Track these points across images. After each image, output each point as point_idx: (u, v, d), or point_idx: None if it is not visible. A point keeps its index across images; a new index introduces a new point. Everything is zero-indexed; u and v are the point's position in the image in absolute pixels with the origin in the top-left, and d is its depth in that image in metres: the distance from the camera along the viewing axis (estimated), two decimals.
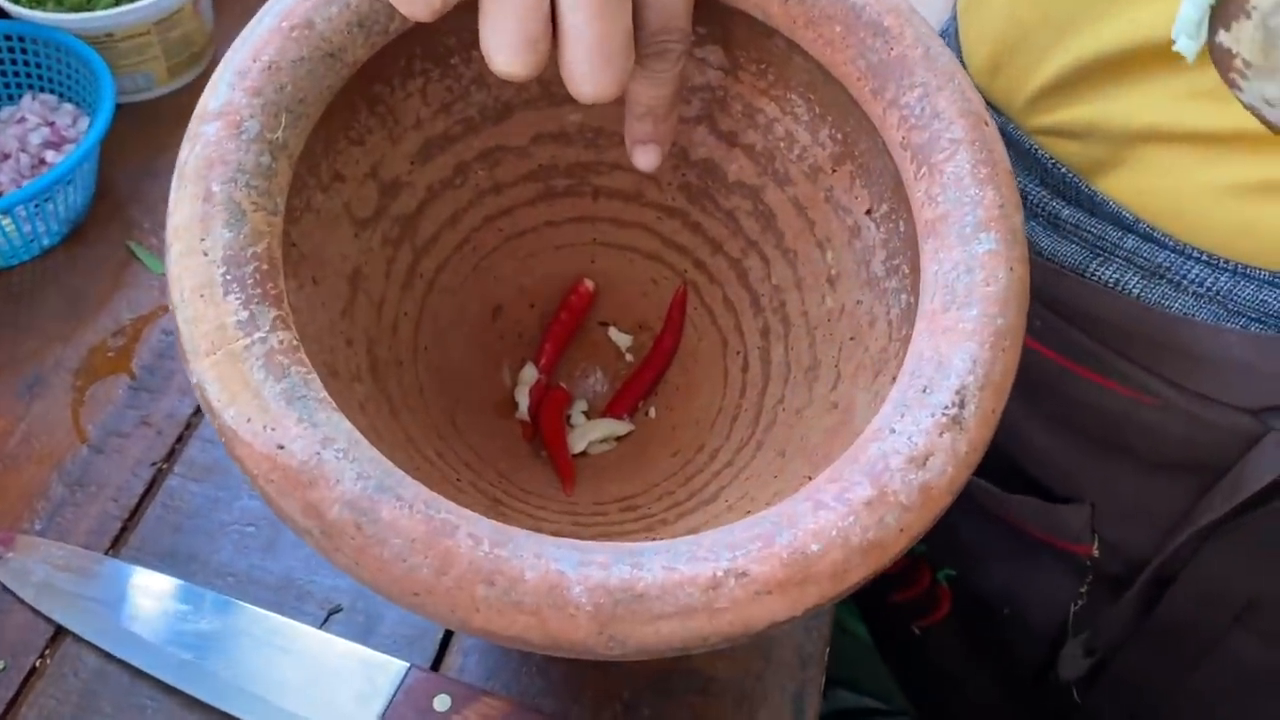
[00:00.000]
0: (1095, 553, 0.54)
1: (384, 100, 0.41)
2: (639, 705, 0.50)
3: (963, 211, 0.35)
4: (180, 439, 0.55)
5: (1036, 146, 0.48)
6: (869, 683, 0.77)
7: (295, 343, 0.32)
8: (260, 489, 0.31)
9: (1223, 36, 0.37)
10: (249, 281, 0.32)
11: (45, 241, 0.60)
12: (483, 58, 0.41)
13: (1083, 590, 0.56)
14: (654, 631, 0.30)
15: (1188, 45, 0.37)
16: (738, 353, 0.47)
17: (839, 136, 0.41)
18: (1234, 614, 0.52)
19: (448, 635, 0.52)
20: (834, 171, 0.42)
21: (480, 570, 0.30)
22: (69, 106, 0.63)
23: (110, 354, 0.57)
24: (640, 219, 0.48)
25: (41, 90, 0.64)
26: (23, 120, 0.62)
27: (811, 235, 0.44)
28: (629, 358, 0.51)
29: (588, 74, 0.35)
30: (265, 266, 0.32)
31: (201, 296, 0.31)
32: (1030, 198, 0.48)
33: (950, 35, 0.56)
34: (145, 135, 0.67)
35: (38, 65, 0.64)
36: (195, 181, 0.33)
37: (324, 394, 0.32)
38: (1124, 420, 0.49)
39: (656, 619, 0.30)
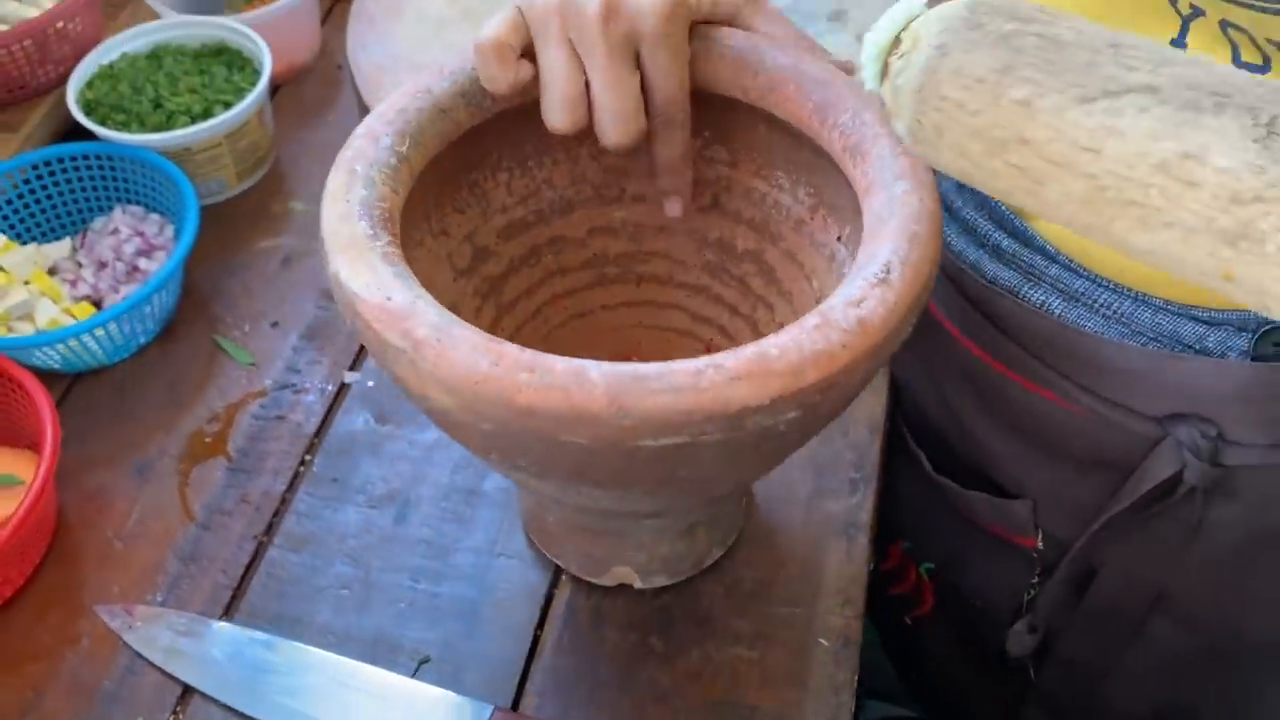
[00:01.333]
0: (1039, 545, 0.59)
1: (480, 185, 0.57)
2: None
3: (885, 173, 0.47)
4: (277, 513, 0.65)
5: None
6: (876, 681, 0.81)
7: (399, 251, 0.45)
8: (370, 328, 0.43)
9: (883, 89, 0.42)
10: (374, 215, 0.46)
11: (141, 340, 0.71)
12: (551, 162, 0.58)
13: (1034, 581, 0.60)
14: (653, 403, 0.40)
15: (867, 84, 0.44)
16: None
17: (811, 190, 0.55)
18: (1150, 600, 0.56)
19: (523, 679, 0.58)
20: (812, 219, 0.55)
21: (523, 362, 0.41)
22: (155, 216, 0.75)
23: (208, 439, 0.68)
24: (674, 300, 0.61)
25: (129, 201, 0.76)
26: (116, 231, 0.73)
27: (801, 274, 0.56)
28: None
29: (608, 129, 0.50)
30: (386, 211, 0.47)
31: (342, 220, 0.45)
32: (978, 229, 0.60)
33: None
34: (220, 235, 0.77)
35: (125, 179, 0.75)
36: (344, 165, 0.48)
37: (419, 287, 0.44)
38: (1054, 423, 0.57)
39: (655, 393, 0.40)
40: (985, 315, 0.61)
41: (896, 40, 0.40)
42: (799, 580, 0.61)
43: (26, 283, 0.71)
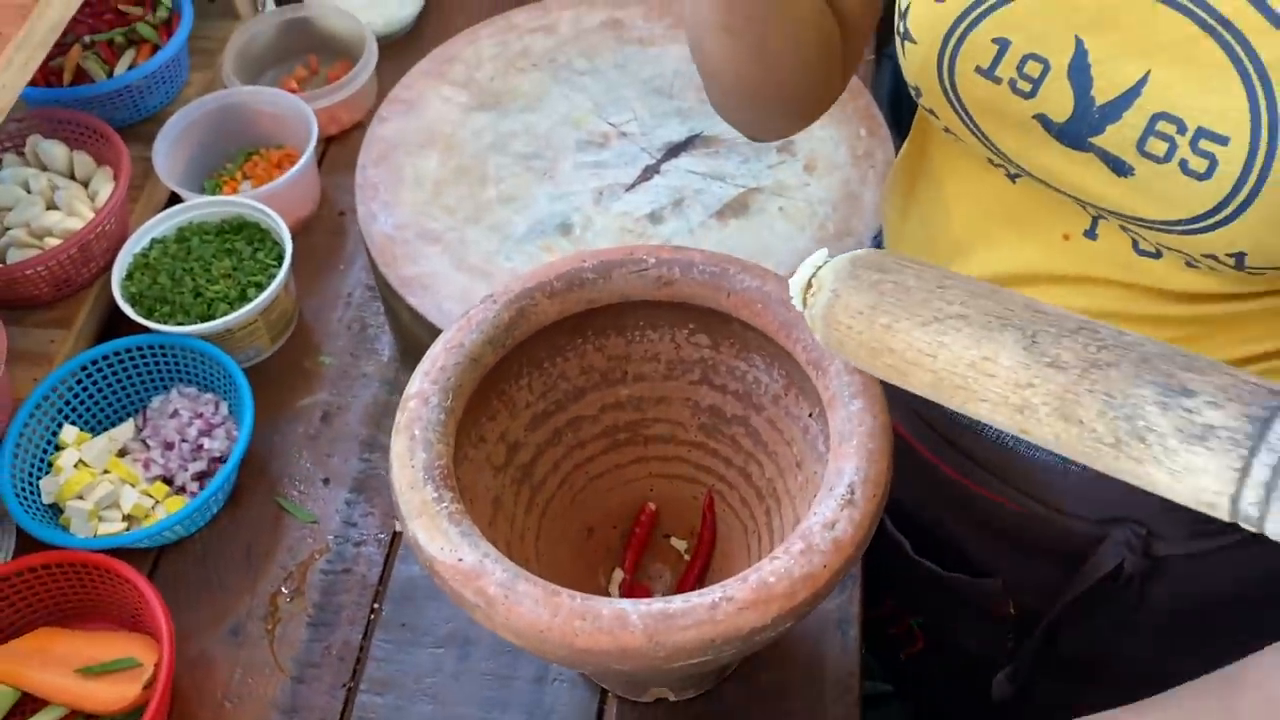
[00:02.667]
0: (1012, 611, 0.72)
1: (506, 393, 0.67)
2: None
3: (843, 390, 0.58)
4: (358, 661, 0.76)
5: None
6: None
7: (464, 510, 0.56)
8: (448, 585, 0.54)
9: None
10: (436, 477, 0.57)
11: (214, 510, 0.81)
12: (562, 360, 0.68)
13: (1010, 639, 0.73)
14: (681, 638, 0.51)
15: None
16: (753, 531, 0.69)
17: (784, 374, 0.66)
18: (1108, 655, 0.69)
19: None
20: (786, 395, 0.67)
21: (577, 611, 0.52)
22: (209, 395, 0.85)
23: (288, 598, 0.79)
24: (677, 454, 0.73)
25: (183, 382, 0.86)
26: (176, 414, 0.83)
27: (782, 439, 0.67)
28: (686, 556, 0.74)
29: None
30: (445, 470, 0.57)
31: (411, 487, 0.56)
32: None
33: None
34: (262, 397, 0.84)
35: (177, 364, 0.85)
36: (404, 430, 0.59)
37: (486, 541, 0.55)
38: (1015, 523, 0.69)
39: (682, 629, 0.51)
40: (950, 442, 0.72)
41: (810, 282, 0.55)
42: (804, 675, 0.74)
43: (105, 471, 0.82)
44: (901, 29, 0.60)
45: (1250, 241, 0.49)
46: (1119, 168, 0.52)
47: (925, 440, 0.75)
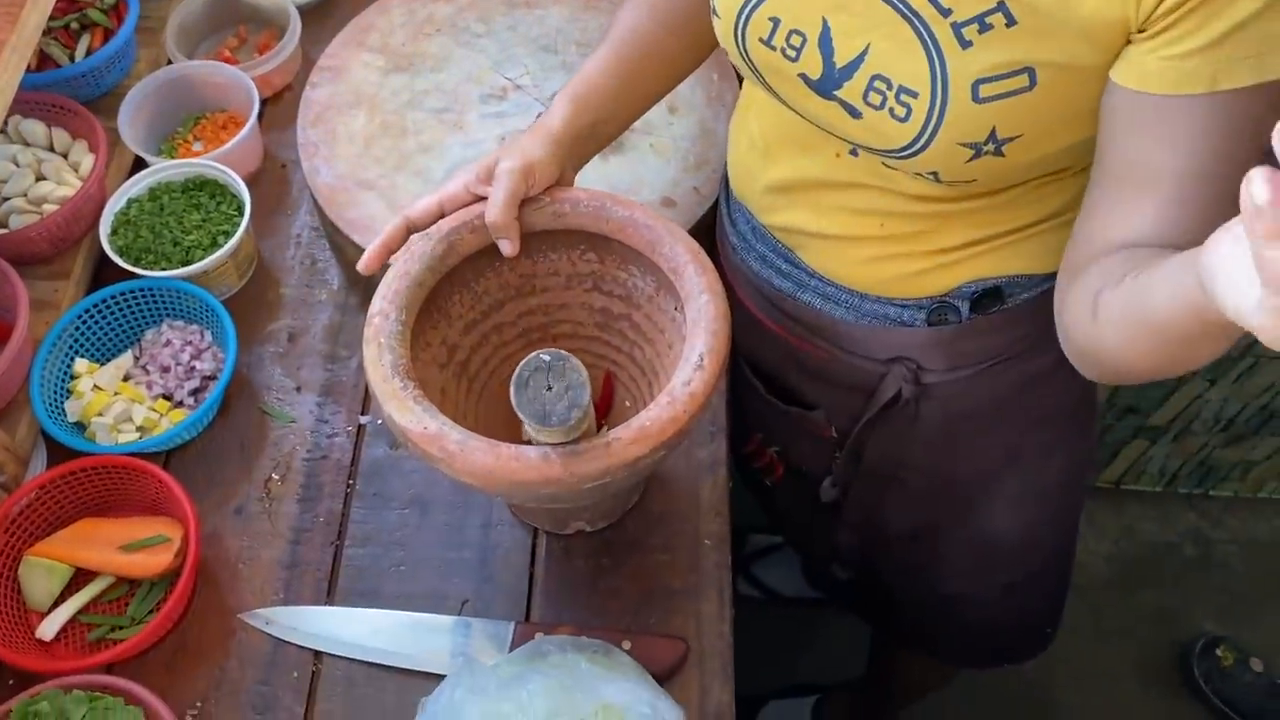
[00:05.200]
0: (834, 434, 0.98)
1: (443, 308, 0.88)
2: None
3: (694, 288, 0.80)
4: (341, 524, 0.97)
5: (770, 232, 0.94)
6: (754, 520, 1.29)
7: (423, 395, 0.77)
8: (417, 446, 0.75)
9: None
10: (401, 372, 0.77)
11: (210, 418, 0.99)
12: (484, 279, 0.89)
13: (835, 456, 0.99)
14: (589, 466, 0.73)
15: None
16: (639, 399, 0.92)
17: (654, 279, 0.87)
18: (896, 462, 0.95)
19: (529, 601, 0.94)
20: (657, 295, 0.88)
21: (513, 455, 0.74)
22: (194, 326, 1.02)
23: (279, 482, 0.98)
24: (579, 346, 0.94)
25: (171, 317, 1.03)
26: (169, 343, 1.01)
27: (656, 328, 0.89)
28: None
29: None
30: (405, 367, 0.78)
31: (384, 380, 0.77)
32: (770, 262, 0.94)
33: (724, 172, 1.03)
34: (237, 323, 1.01)
35: (165, 302, 1.02)
36: (372, 340, 0.79)
37: (440, 414, 0.76)
38: (826, 366, 0.94)
39: (588, 460, 0.73)
40: (784, 313, 0.95)
41: None
42: (687, 506, 0.97)
43: (116, 393, 1.01)
44: (711, 6, 0.81)
45: (940, 164, 0.72)
46: (853, 112, 0.74)
47: (768, 314, 0.97)
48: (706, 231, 1.07)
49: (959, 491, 1.00)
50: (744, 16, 0.76)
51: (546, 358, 0.71)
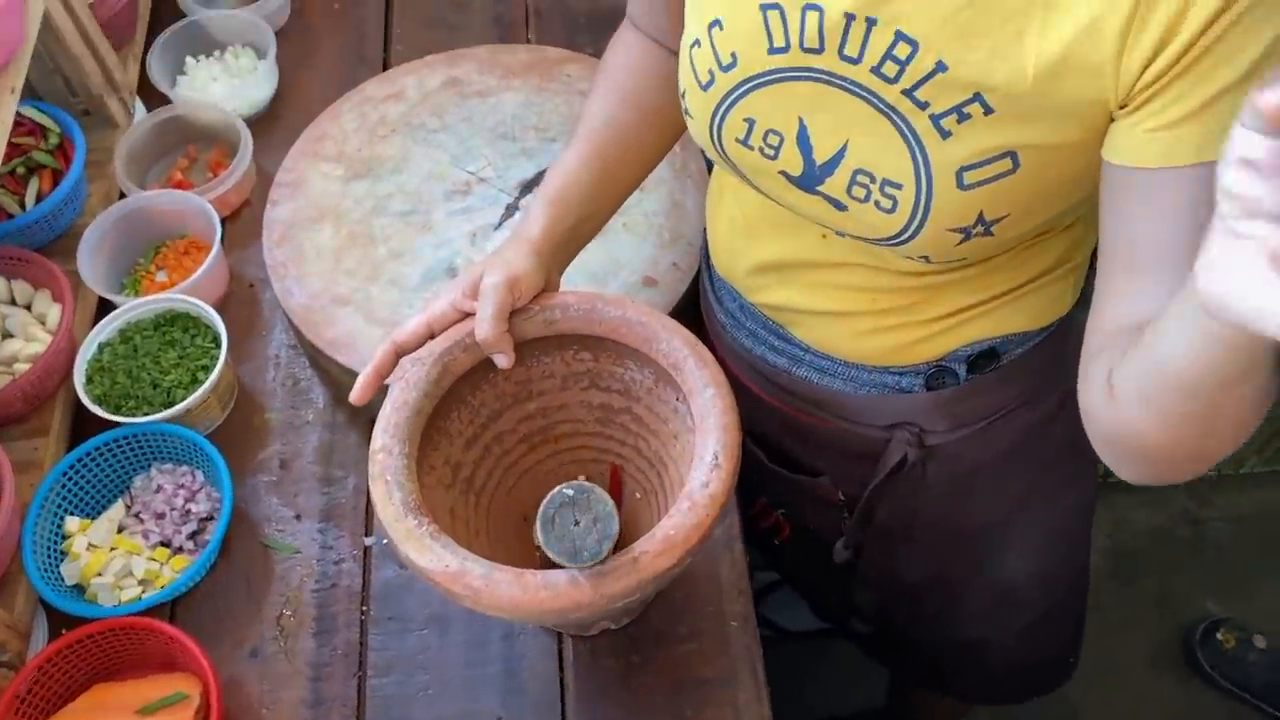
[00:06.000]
0: (840, 497, 0.96)
1: (443, 428, 0.85)
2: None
3: (697, 382, 0.79)
4: (361, 654, 0.94)
5: (760, 310, 0.93)
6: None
7: (438, 528, 0.75)
8: (441, 586, 0.73)
9: None
10: (413, 508, 0.75)
11: (212, 560, 0.96)
12: (480, 392, 0.86)
13: (845, 518, 0.98)
14: (616, 585, 0.71)
15: None
16: (650, 491, 0.90)
17: (652, 372, 0.86)
18: (908, 521, 0.94)
19: (563, 706, 0.91)
20: (657, 387, 0.86)
21: (540, 584, 0.71)
22: (184, 467, 0.99)
23: (291, 617, 0.95)
24: (582, 444, 0.92)
25: (158, 460, 0.99)
26: (160, 489, 0.97)
27: (659, 419, 0.87)
28: None
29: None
30: (416, 501, 0.76)
31: (396, 520, 0.75)
32: (760, 335, 0.93)
33: (703, 247, 1.02)
34: (226, 456, 0.98)
35: (152, 446, 0.99)
36: (379, 478, 0.76)
37: (459, 547, 0.74)
38: (829, 436, 0.92)
39: (616, 579, 0.71)
40: (779, 387, 0.94)
41: None
42: (708, 588, 0.95)
43: (112, 549, 0.97)
44: (683, 106, 0.79)
45: (930, 250, 0.71)
46: (838, 205, 0.73)
47: (764, 388, 0.96)
48: (691, 306, 1.06)
49: (972, 542, 0.99)
50: (718, 117, 0.75)
51: (570, 492, 0.69)
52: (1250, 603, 1.81)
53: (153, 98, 1.28)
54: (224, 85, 1.27)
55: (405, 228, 1.09)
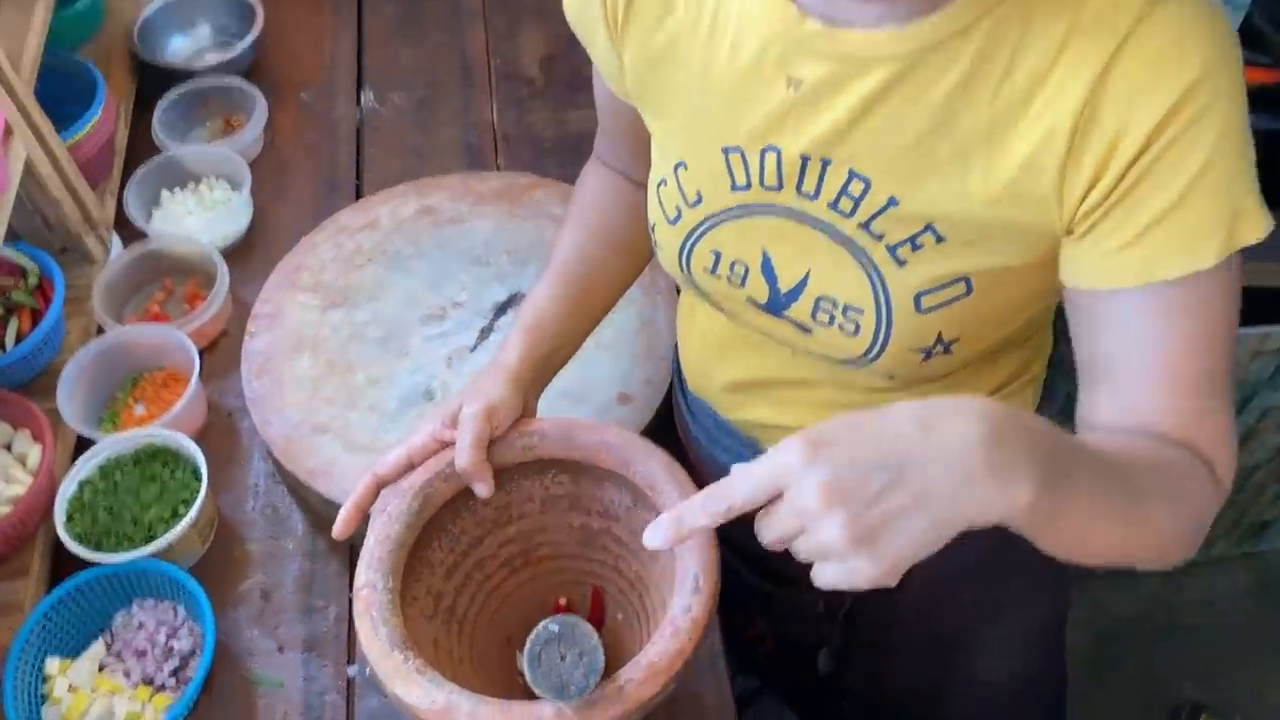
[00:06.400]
0: (822, 608, 0.97)
1: (425, 558, 0.86)
2: None
3: (673, 501, 0.80)
4: None
5: (734, 425, 0.95)
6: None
7: (424, 662, 0.75)
8: None
9: None
10: (399, 644, 0.75)
11: (193, 700, 0.94)
12: (460, 520, 0.87)
13: (827, 628, 0.99)
14: (603, 715, 0.72)
15: None
16: (632, 612, 0.90)
17: (630, 493, 0.87)
18: (887, 635, 0.95)
19: None
20: (635, 507, 0.88)
21: (529, 716, 0.72)
22: (166, 603, 0.98)
23: None
24: (563, 566, 0.93)
25: (139, 595, 0.98)
26: (141, 625, 0.97)
27: (639, 539, 0.88)
28: None
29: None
30: (401, 636, 0.76)
31: (383, 656, 0.75)
32: (735, 450, 0.94)
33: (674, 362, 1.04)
34: (207, 589, 0.97)
35: (133, 583, 0.98)
36: (364, 614, 0.77)
37: (446, 680, 0.74)
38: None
39: (603, 710, 0.72)
40: None
41: None
42: (689, 705, 0.95)
43: (94, 690, 0.96)
44: (653, 239, 0.82)
45: (893, 369, 0.74)
46: (804, 329, 0.76)
47: None
48: (665, 420, 1.08)
49: (951, 647, 1.00)
50: (687, 250, 0.78)
51: (555, 627, 0.70)
52: (1229, 685, 1.82)
53: (129, 231, 1.30)
54: (199, 218, 1.30)
55: (383, 354, 1.11)
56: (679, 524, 0.60)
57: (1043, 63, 0.62)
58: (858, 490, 0.52)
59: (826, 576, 0.56)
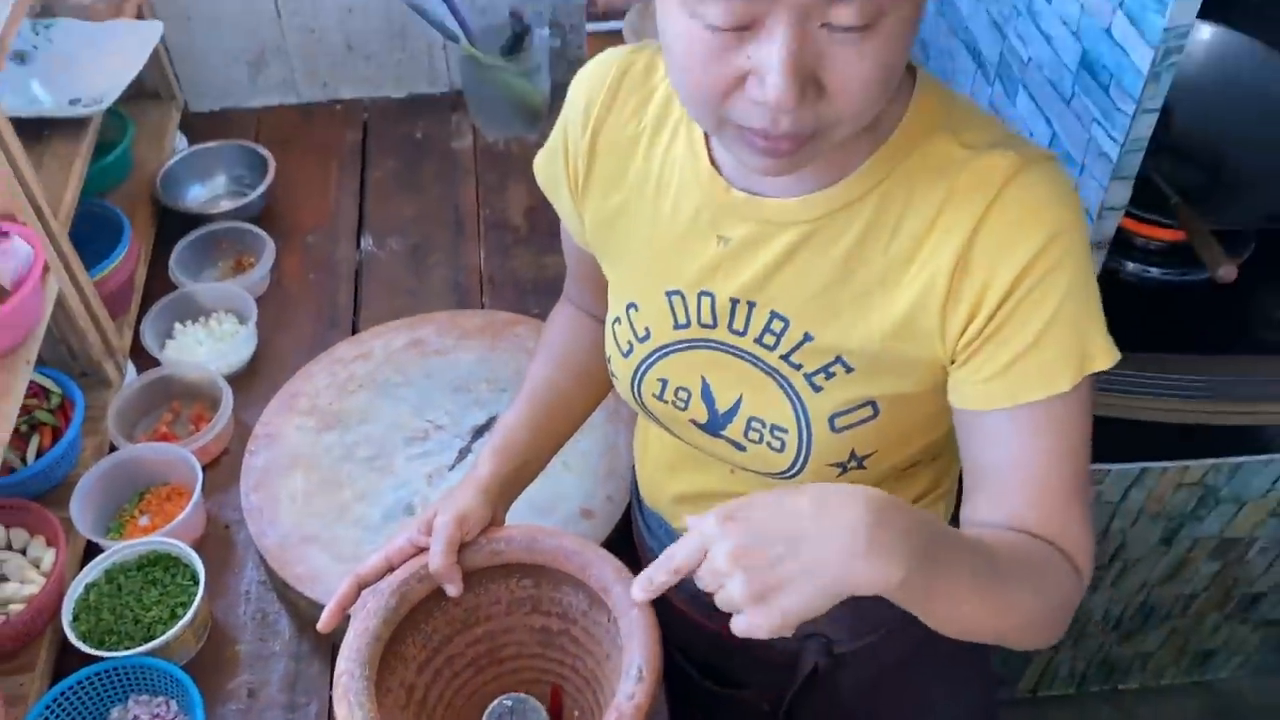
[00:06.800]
0: (766, 707, 1.05)
1: (399, 652, 0.95)
2: None
3: (625, 604, 0.89)
4: None
5: (679, 531, 1.04)
6: None
7: None
8: None
9: None
10: None
11: None
12: (432, 620, 0.97)
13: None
14: None
15: None
16: (588, 709, 0.99)
17: (586, 597, 0.96)
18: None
19: None
20: (591, 610, 0.97)
21: None
22: (160, 698, 1.05)
23: None
24: (525, 665, 1.01)
25: (135, 691, 1.06)
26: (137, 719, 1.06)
27: (594, 640, 0.97)
28: None
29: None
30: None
31: None
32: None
33: (632, 481, 1.14)
34: (202, 684, 1.05)
35: (130, 677, 1.05)
36: (343, 699, 0.85)
37: None
38: (751, 651, 1.01)
39: None
40: (700, 602, 1.05)
41: None
42: None
43: None
44: (610, 369, 0.94)
45: (815, 481, 0.84)
46: (738, 446, 0.87)
47: (692, 607, 1.07)
48: (624, 534, 1.18)
49: None
50: (638, 378, 0.90)
51: (509, 703, 0.79)
52: None
53: (143, 358, 1.42)
54: (208, 348, 1.42)
55: (369, 472, 1.21)
56: (650, 580, 0.73)
57: (923, 224, 0.75)
58: (758, 557, 0.63)
59: (737, 625, 0.66)
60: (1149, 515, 1.60)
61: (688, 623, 1.08)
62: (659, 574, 0.72)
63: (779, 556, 0.64)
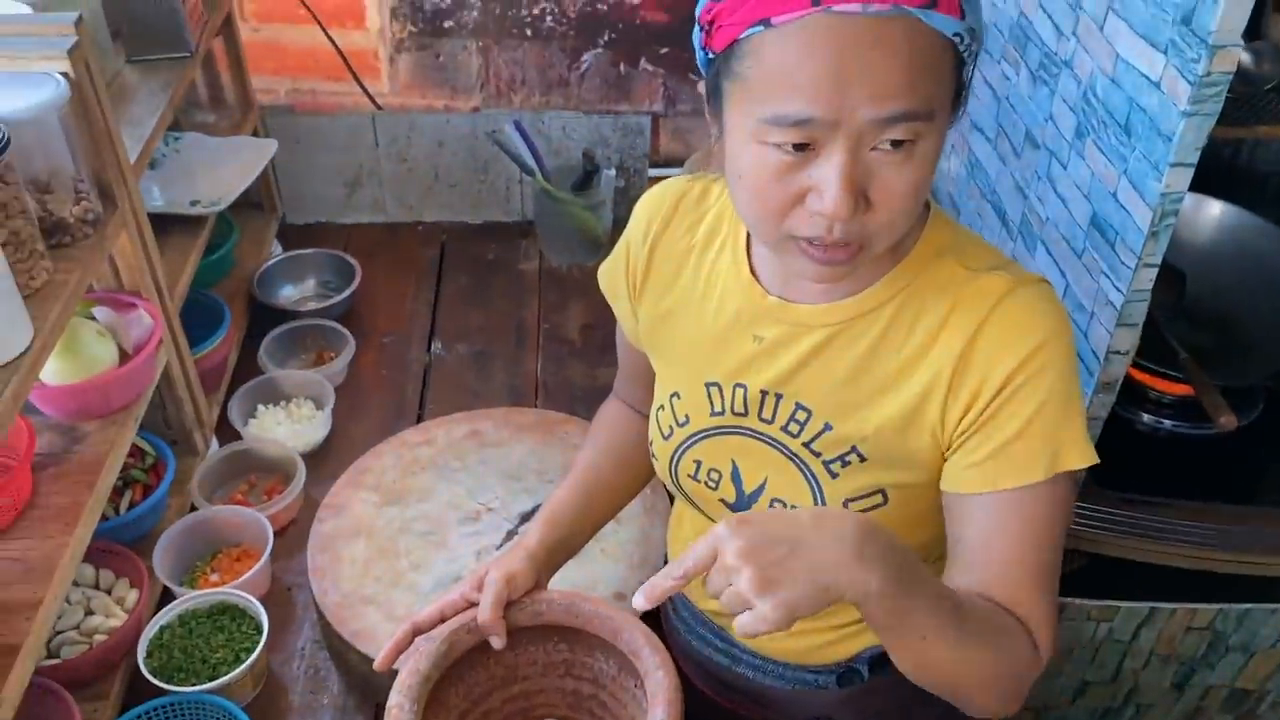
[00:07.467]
0: None
1: (441, 699, 1.02)
2: None
3: (650, 664, 0.98)
4: None
5: (706, 615, 1.12)
6: None
7: None
8: None
9: None
10: None
11: None
12: (475, 670, 1.05)
13: None
14: None
15: None
16: None
17: (616, 661, 1.05)
18: None
19: None
20: (620, 675, 1.05)
21: None
22: None
23: None
24: None
25: None
26: None
27: (621, 704, 1.05)
28: None
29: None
30: None
31: None
32: (707, 637, 1.11)
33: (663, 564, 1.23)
34: None
35: (193, 713, 1.14)
36: None
37: None
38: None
39: None
40: (719, 681, 1.12)
41: None
42: None
43: None
44: (651, 452, 1.05)
45: None
46: None
47: (712, 687, 1.14)
48: (653, 619, 1.26)
49: None
50: (676, 459, 1.01)
51: None
52: None
53: (227, 433, 1.55)
54: (286, 428, 1.55)
55: (424, 545, 1.31)
56: (653, 587, 0.79)
57: (931, 330, 0.86)
58: (765, 554, 0.72)
59: (742, 623, 0.73)
60: (1160, 657, 1.64)
61: (708, 703, 1.15)
62: (665, 580, 0.78)
63: (783, 555, 0.72)
